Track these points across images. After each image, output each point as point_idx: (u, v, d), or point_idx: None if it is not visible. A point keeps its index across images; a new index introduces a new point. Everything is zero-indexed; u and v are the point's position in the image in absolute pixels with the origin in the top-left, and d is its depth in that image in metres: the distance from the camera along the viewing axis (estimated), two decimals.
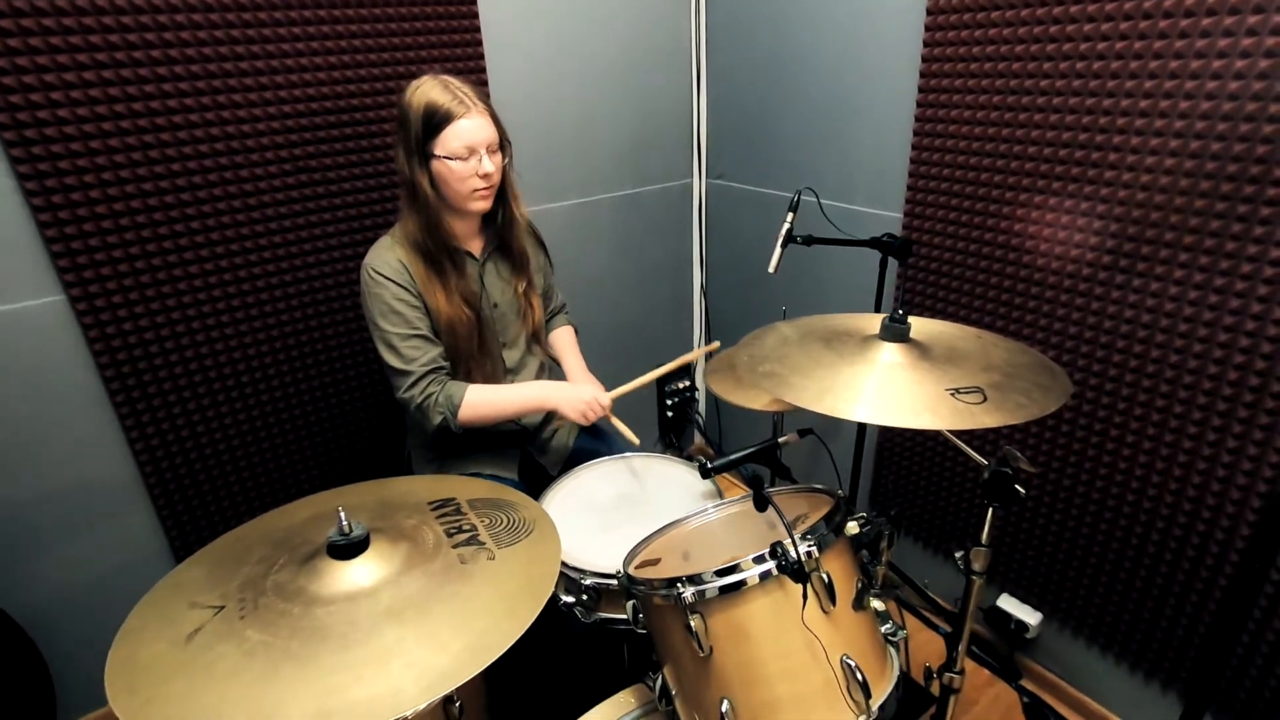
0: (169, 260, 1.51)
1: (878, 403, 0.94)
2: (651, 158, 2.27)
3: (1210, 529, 1.34)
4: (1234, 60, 1.16)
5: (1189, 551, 1.39)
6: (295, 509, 0.95)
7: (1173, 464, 1.38)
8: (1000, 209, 1.54)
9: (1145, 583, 1.48)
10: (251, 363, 1.66)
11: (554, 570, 0.80)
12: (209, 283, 1.57)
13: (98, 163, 1.39)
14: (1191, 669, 1.43)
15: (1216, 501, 1.33)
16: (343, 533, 0.78)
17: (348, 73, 1.63)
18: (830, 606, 0.91)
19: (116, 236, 1.44)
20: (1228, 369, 1.27)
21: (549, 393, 1.51)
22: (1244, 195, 1.19)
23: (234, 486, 1.72)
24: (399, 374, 1.40)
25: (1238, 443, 1.28)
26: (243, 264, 1.60)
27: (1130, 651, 1.57)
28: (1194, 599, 1.40)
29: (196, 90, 1.46)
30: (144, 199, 1.45)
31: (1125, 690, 1.61)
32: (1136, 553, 1.49)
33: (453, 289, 1.43)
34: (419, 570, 0.78)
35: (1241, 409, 1.26)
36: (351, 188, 1.71)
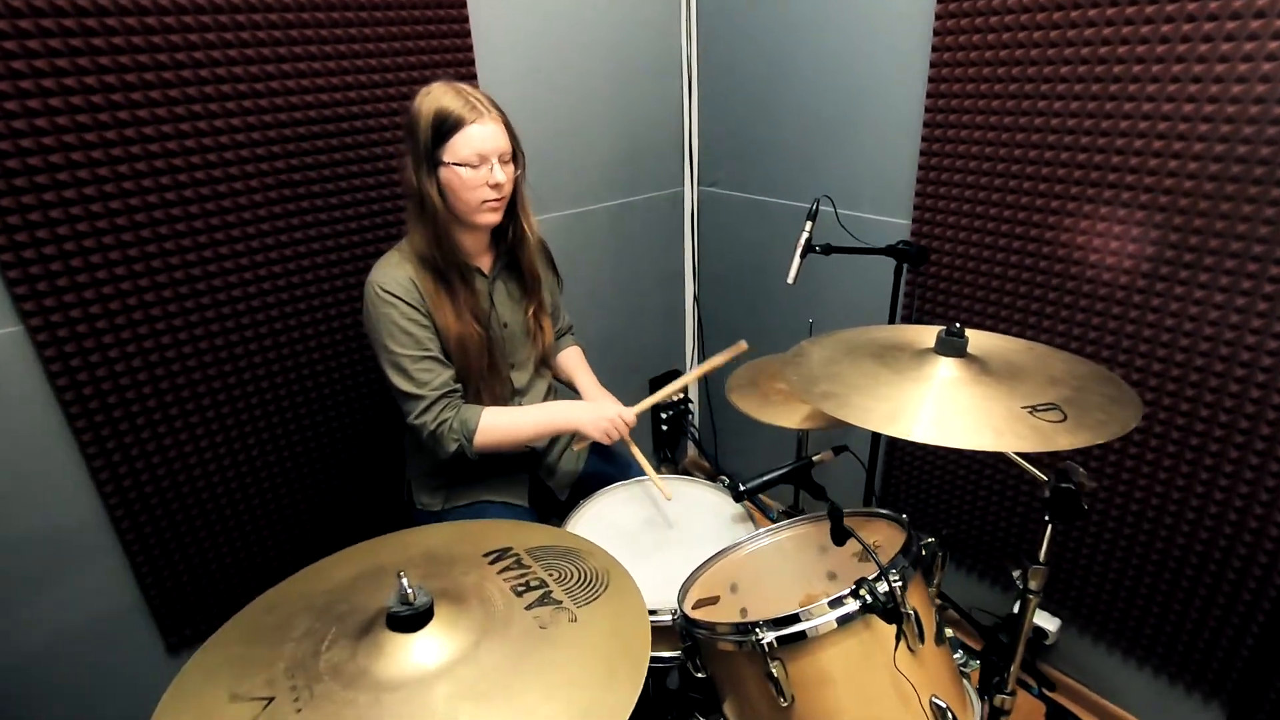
0: (139, 285, 1.37)
1: (952, 424, 0.89)
2: (643, 166, 2.20)
3: (1259, 537, 1.33)
4: (1260, 63, 1.15)
5: (1235, 561, 1.38)
6: (330, 567, 0.84)
7: (1203, 470, 1.38)
8: (1015, 214, 1.53)
9: (1183, 590, 1.47)
10: (233, 391, 1.53)
11: (645, 628, 0.72)
12: (185, 307, 1.43)
13: (59, 179, 1.25)
14: (1238, 679, 1.43)
15: (1265, 511, 1.31)
16: (406, 601, 0.69)
17: (333, 79, 1.51)
18: (918, 645, 0.85)
19: (81, 260, 1.29)
20: (1255, 370, 1.27)
21: (569, 412, 1.43)
22: (1270, 198, 1.19)
23: (215, 527, 1.57)
24: (411, 399, 1.31)
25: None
26: (221, 286, 1.47)
27: (1159, 657, 1.56)
28: (1240, 607, 1.39)
29: (168, 99, 1.33)
30: (111, 218, 1.31)
31: (1152, 696, 1.61)
32: (1163, 557, 1.48)
33: (462, 306, 1.34)
34: (496, 640, 0.69)
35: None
36: (339, 201, 1.59)
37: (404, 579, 0.69)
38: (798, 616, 0.85)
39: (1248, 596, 1.37)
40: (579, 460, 1.64)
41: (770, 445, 2.36)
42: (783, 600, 1.13)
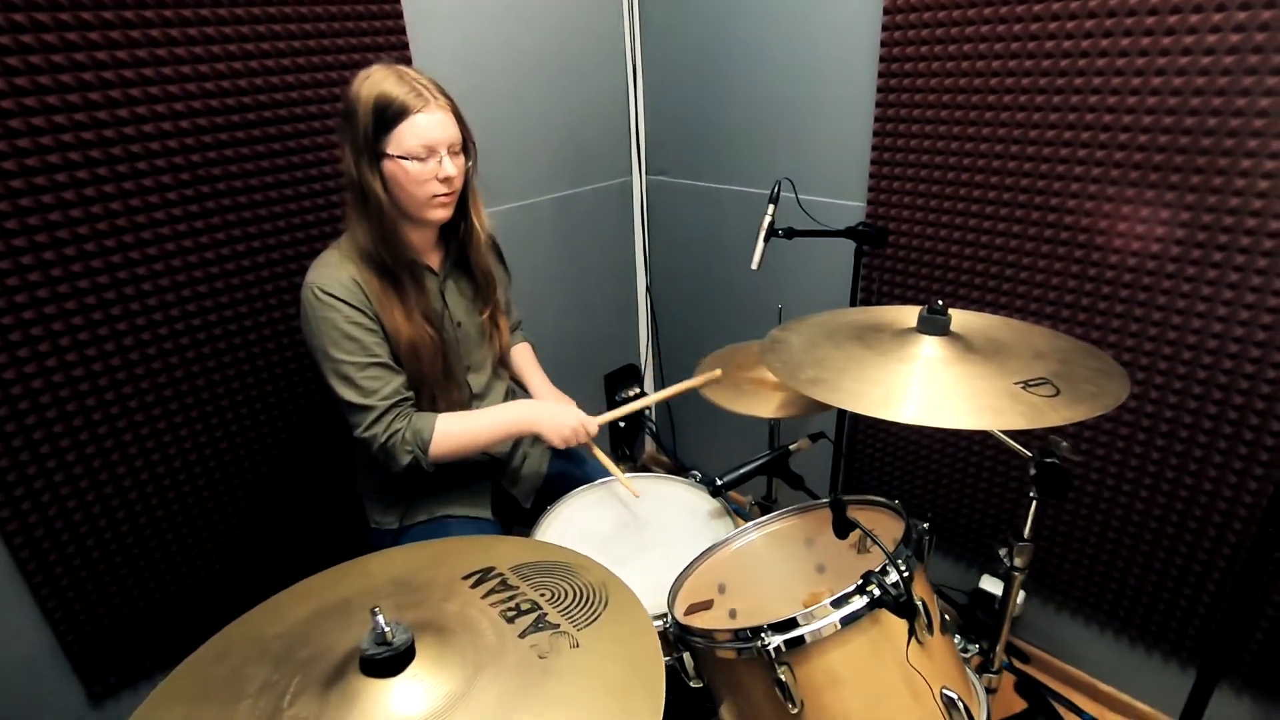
0: (36, 295, 1.21)
1: (948, 405, 0.86)
2: (588, 155, 2.13)
3: (1232, 503, 1.35)
4: (1198, 57, 1.17)
5: (1190, 523, 1.41)
6: (284, 605, 0.74)
7: (1172, 440, 1.41)
8: (971, 191, 1.53)
9: (1142, 554, 1.51)
10: (152, 411, 1.38)
11: (655, 648, 0.65)
12: (91, 319, 1.28)
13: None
14: (1195, 635, 1.47)
15: (1238, 479, 1.33)
16: (382, 640, 0.60)
17: (250, 63, 1.38)
18: (928, 637, 0.82)
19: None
20: (1226, 342, 1.30)
21: (529, 414, 1.35)
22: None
23: (139, 561, 1.42)
24: (358, 410, 1.20)
25: (1256, 429, 1.30)
26: (134, 294, 1.32)
27: (1120, 620, 1.60)
28: (1196, 566, 1.43)
29: (60, 86, 1.17)
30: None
31: (1116, 659, 1.65)
32: (1122, 523, 1.51)
33: (413, 307, 1.24)
34: (490, 676, 0.61)
35: (1258, 382, 1.27)
36: (265, 199, 1.45)
37: (379, 615, 0.60)
38: (801, 619, 0.80)
39: (1202, 556, 1.41)
40: (542, 463, 1.56)
41: (731, 437, 2.33)
42: (773, 599, 1.09)
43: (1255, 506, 1.32)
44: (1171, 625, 1.51)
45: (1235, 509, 1.35)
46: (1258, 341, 1.24)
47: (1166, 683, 1.57)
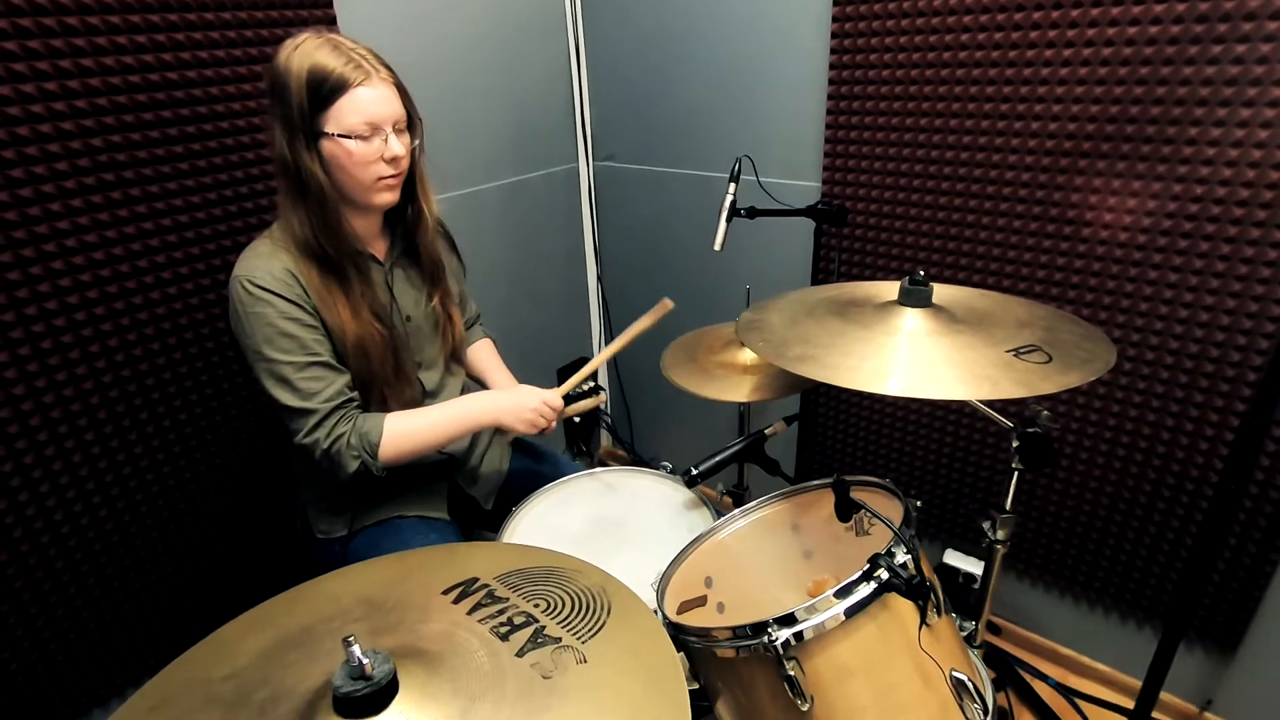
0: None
1: (944, 375, 0.83)
2: (532, 141, 2.04)
3: (1188, 460, 1.38)
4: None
5: (1144, 487, 1.45)
6: (231, 640, 0.63)
7: (1128, 405, 1.43)
8: (927, 168, 1.52)
9: (1100, 519, 1.54)
10: (58, 429, 1.22)
11: (672, 655, 0.59)
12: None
13: None
14: (1151, 595, 1.51)
15: (1189, 440, 1.36)
16: (360, 674, 0.51)
17: (157, 37, 1.24)
18: (936, 619, 0.79)
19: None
20: (1197, 310, 1.33)
21: (487, 405, 1.26)
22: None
23: (50, 598, 1.26)
24: (297, 414, 1.09)
25: (1209, 376, 1.32)
26: (28, 298, 1.16)
27: (1080, 586, 1.63)
28: (1151, 528, 1.47)
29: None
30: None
31: (1076, 624, 1.69)
32: (1080, 490, 1.54)
33: (359, 301, 1.13)
34: (489, 706, 0.53)
35: (1215, 332, 1.29)
36: (180, 187, 1.31)
37: (354, 645, 0.51)
38: (809, 610, 0.76)
39: (1156, 518, 1.45)
40: (504, 461, 1.47)
41: (690, 426, 2.29)
42: (761, 589, 1.04)
43: (1208, 467, 1.36)
44: (1129, 587, 1.55)
45: (1189, 470, 1.39)
46: (1228, 310, 1.26)
47: (1123, 642, 1.62)
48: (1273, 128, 1.14)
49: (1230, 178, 1.19)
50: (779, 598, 1.03)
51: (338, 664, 0.54)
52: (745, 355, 1.40)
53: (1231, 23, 1.12)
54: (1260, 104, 1.13)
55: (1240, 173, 1.18)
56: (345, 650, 0.51)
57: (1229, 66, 1.14)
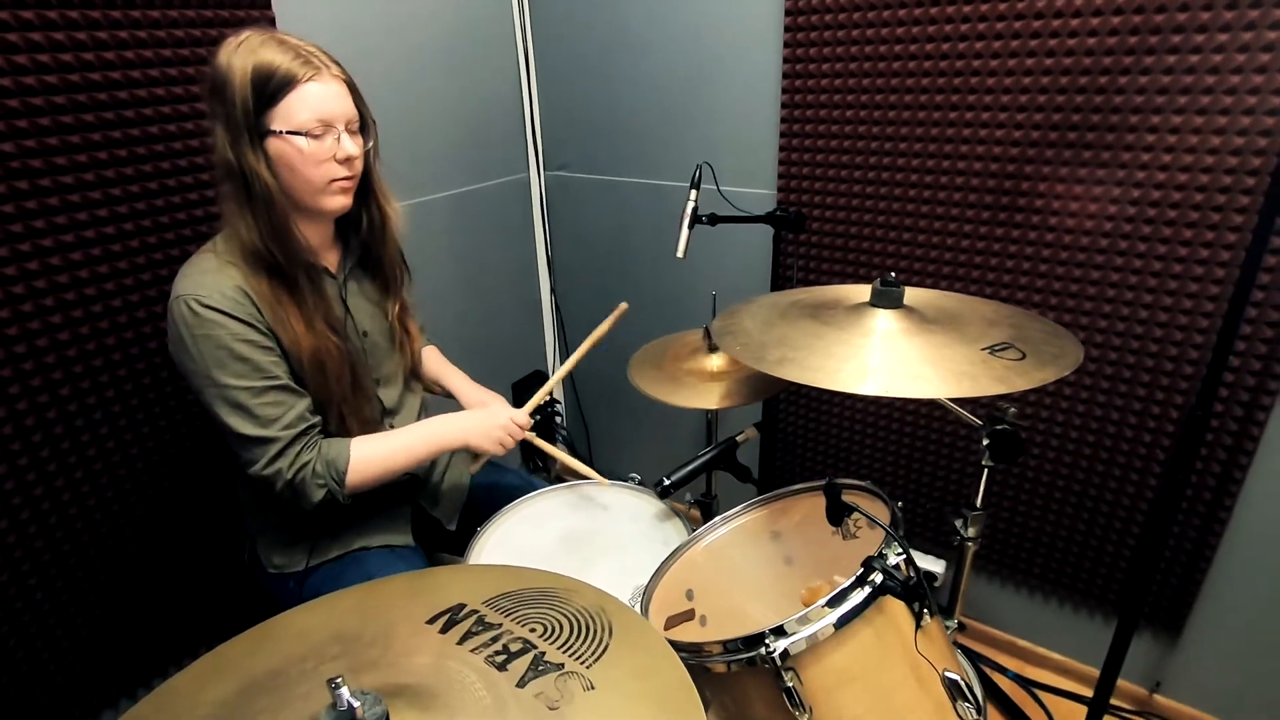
0: None
1: (926, 374, 0.84)
2: (483, 151, 1.99)
3: (1132, 452, 1.43)
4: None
5: (1093, 481, 1.50)
6: (187, 691, 0.56)
7: (1075, 401, 1.49)
8: (879, 174, 1.55)
9: (1053, 513, 1.59)
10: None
11: (683, 677, 0.56)
12: None
13: None
14: (1102, 585, 1.56)
15: (1134, 432, 1.42)
16: (350, 719, 0.46)
17: (77, 35, 1.15)
18: (928, 620, 0.78)
19: None
20: (1137, 309, 1.39)
21: (455, 426, 1.21)
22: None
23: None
24: (256, 443, 1.02)
25: (1150, 371, 1.38)
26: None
27: (1035, 578, 1.68)
28: (1100, 519, 1.53)
29: None
30: None
31: (1031, 616, 1.74)
32: (1034, 485, 1.59)
33: (313, 314, 1.07)
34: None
35: (1154, 328, 1.34)
36: (106, 196, 1.21)
37: (343, 687, 0.46)
38: (804, 619, 0.74)
39: (1105, 509, 1.51)
40: (463, 476, 1.41)
41: (648, 438, 2.27)
42: (744, 599, 1.02)
43: (1151, 459, 1.42)
44: (1081, 578, 1.60)
45: (1134, 461, 1.45)
46: (1165, 307, 1.32)
47: (1078, 631, 1.67)
48: (1225, 134, 1.19)
49: (1185, 182, 1.23)
50: (762, 607, 1.02)
51: (317, 709, 0.48)
52: (713, 362, 1.39)
53: (1185, 32, 1.17)
54: (1212, 111, 1.18)
55: (1195, 177, 1.22)
56: (332, 693, 0.46)
57: (1183, 75, 1.19)
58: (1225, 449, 1.34)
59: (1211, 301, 1.28)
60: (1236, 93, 1.16)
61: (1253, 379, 1.27)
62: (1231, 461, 1.34)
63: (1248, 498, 1.35)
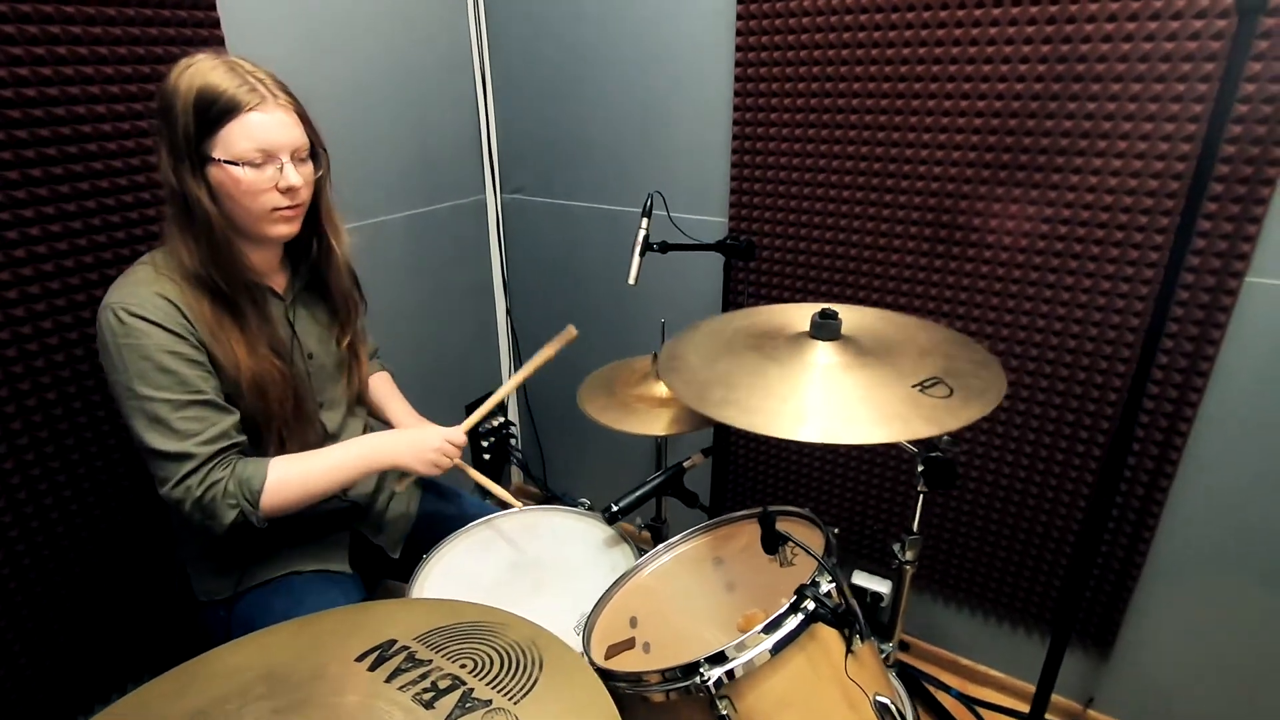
0: None
1: (858, 417, 0.87)
2: (439, 172, 1.99)
3: (1063, 474, 1.49)
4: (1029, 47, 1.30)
5: (1029, 502, 1.56)
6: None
7: (1010, 425, 1.55)
8: (826, 205, 1.60)
9: (992, 534, 1.64)
10: None
11: (611, 711, 0.56)
12: None
13: None
14: (1039, 603, 1.62)
15: (1064, 455, 1.48)
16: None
17: (35, 50, 1.12)
18: (859, 645, 0.81)
19: None
20: (1069, 323, 1.45)
21: (385, 445, 1.18)
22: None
23: None
24: (169, 459, 0.98)
25: (1079, 397, 1.44)
26: None
27: (975, 598, 1.73)
28: (1036, 540, 1.58)
29: None
30: None
31: (973, 634, 1.78)
32: (973, 507, 1.65)
33: (256, 336, 1.05)
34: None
35: (1081, 357, 1.40)
36: (58, 211, 1.19)
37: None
38: (738, 647, 0.75)
39: (1040, 530, 1.57)
40: (411, 504, 1.40)
41: (604, 460, 2.27)
42: (687, 626, 1.03)
43: (1080, 480, 1.49)
44: (1019, 596, 1.66)
45: (1065, 484, 1.51)
46: (1094, 321, 1.37)
47: (1016, 649, 1.73)
48: (1145, 158, 1.26)
49: (1111, 203, 1.30)
50: (705, 634, 1.03)
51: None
52: (661, 388, 1.41)
53: (1108, 61, 1.24)
54: (1134, 136, 1.25)
55: (1119, 199, 1.29)
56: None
57: (1107, 103, 1.25)
58: (1148, 472, 1.41)
59: (1132, 333, 1.35)
60: (1155, 120, 1.23)
61: (1170, 405, 1.35)
62: (1153, 484, 1.41)
63: (1170, 518, 1.42)
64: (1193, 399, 1.32)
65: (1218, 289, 1.25)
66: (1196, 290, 1.27)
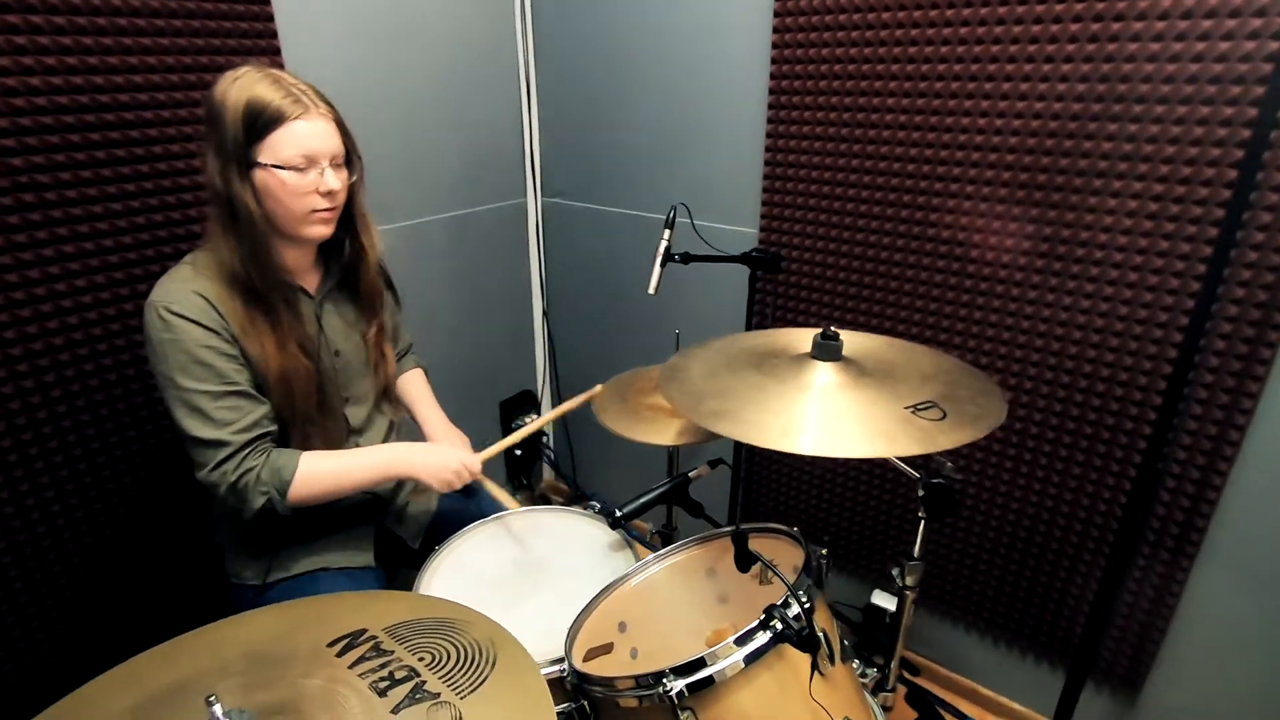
0: None
1: (844, 433, 0.87)
2: (482, 175, 2.06)
3: (1092, 505, 1.44)
4: (1079, 64, 1.25)
5: (1056, 532, 1.51)
6: (97, 697, 0.61)
7: (1038, 454, 1.50)
8: (856, 221, 1.59)
9: (1015, 563, 1.60)
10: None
11: (549, 715, 0.59)
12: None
13: None
14: (1063, 637, 1.56)
15: (1094, 487, 1.43)
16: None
17: (88, 59, 1.23)
18: (829, 667, 0.81)
19: None
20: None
21: (406, 457, 1.25)
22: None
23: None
24: (207, 445, 1.06)
25: (1110, 429, 1.39)
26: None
27: (997, 626, 1.68)
28: (1061, 573, 1.53)
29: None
30: None
31: (994, 663, 1.73)
32: (998, 534, 1.60)
33: (286, 334, 1.12)
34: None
35: (1115, 387, 1.35)
36: (107, 210, 1.29)
37: (216, 705, 0.51)
38: (705, 660, 0.77)
39: (1065, 562, 1.51)
40: (432, 500, 1.46)
41: (633, 462, 2.30)
42: (676, 635, 1.05)
43: (1109, 514, 1.43)
44: (1042, 629, 1.60)
45: (1093, 516, 1.45)
46: (1130, 350, 1.32)
47: (1039, 683, 1.67)
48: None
49: (1150, 229, 1.25)
50: (690, 643, 1.04)
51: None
52: None
53: (1151, 83, 1.20)
54: (1178, 160, 1.20)
55: (1160, 224, 1.24)
56: (207, 710, 0.50)
57: (1149, 124, 1.21)
58: (1183, 510, 1.34)
59: (1170, 364, 1.29)
60: (1201, 144, 1.17)
61: (1209, 441, 1.28)
62: (1188, 523, 1.34)
63: (1209, 555, 1.35)
64: (1235, 434, 1.25)
65: (1263, 323, 1.19)
66: (1247, 306, 1.19)
